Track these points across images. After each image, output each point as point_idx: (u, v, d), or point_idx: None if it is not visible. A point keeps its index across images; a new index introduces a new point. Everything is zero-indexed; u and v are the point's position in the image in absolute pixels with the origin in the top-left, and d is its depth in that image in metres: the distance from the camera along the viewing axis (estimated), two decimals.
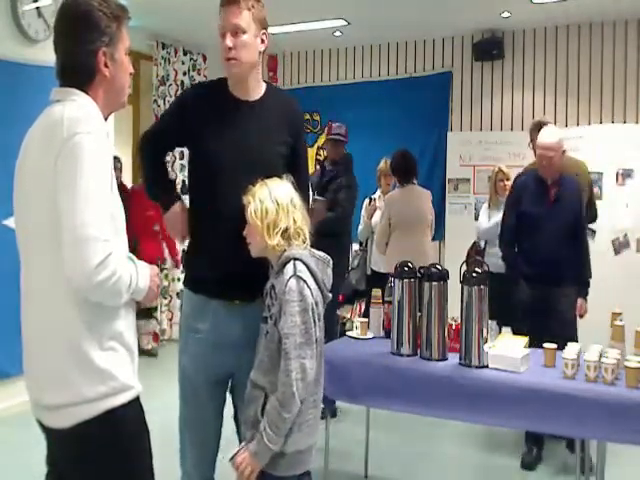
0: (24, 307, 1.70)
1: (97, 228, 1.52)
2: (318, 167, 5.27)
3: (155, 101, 6.55)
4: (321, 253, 2.14)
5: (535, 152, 4.39)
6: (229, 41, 2.14)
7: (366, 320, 3.15)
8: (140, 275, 1.66)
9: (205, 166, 2.22)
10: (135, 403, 1.67)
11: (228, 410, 2.37)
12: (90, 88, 1.68)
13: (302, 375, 1.97)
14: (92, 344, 1.59)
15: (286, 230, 2.05)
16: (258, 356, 2.09)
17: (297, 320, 1.97)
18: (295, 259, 2.03)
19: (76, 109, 1.62)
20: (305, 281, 2.00)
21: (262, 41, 2.21)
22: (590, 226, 4.50)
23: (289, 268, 2.02)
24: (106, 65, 1.68)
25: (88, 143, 1.56)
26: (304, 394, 1.99)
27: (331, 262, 2.16)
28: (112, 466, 1.62)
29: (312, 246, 2.14)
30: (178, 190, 2.46)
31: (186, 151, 2.44)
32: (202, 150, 2.22)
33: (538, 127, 4.38)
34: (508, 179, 4.64)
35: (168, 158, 2.74)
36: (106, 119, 1.73)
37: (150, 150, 2.35)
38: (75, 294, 1.56)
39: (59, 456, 1.69)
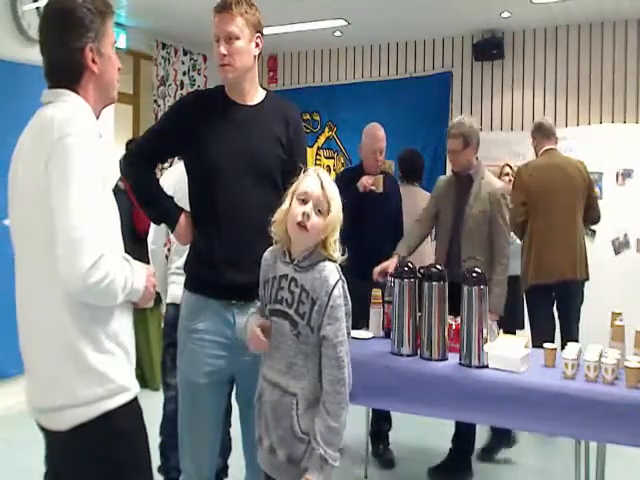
0: (20, 310, 1.69)
1: (88, 230, 1.52)
2: None
3: (155, 101, 6.54)
4: None
5: (535, 151, 4.40)
6: (223, 48, 2.18)
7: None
8: (136, 276, 1.66)
9: (204, 168, 2.22)
10: (133, 404, 1.67)
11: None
12: (80, 86, 1.68)
13: (349, 381, 1.92)
14: (88, 346, 1.59)
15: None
16: (284, 359, 1.94)
17: (344, 325, 1.90)
18: (330, 260, 1.94)
19: (67, 110, 1.62)
20: (345, 285, 1.94)
21: (257, 45, 2.24)
22: (591, 226, 4.50)
23: (332, 270, 1.91)
24: (94, 61, 1.68)
25: (79, 144, 1.56)
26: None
27: None
28: (110, 467, 1.62)
29: None
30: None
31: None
32: (201, 152, 2.21)
33: (539, 128, 4.38)
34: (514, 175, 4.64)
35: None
36: (98, 116, 1.74)
37: (141, 170, 2.31)
38: (70, 296, 1.56)
39: (57, 457, 1.68)
